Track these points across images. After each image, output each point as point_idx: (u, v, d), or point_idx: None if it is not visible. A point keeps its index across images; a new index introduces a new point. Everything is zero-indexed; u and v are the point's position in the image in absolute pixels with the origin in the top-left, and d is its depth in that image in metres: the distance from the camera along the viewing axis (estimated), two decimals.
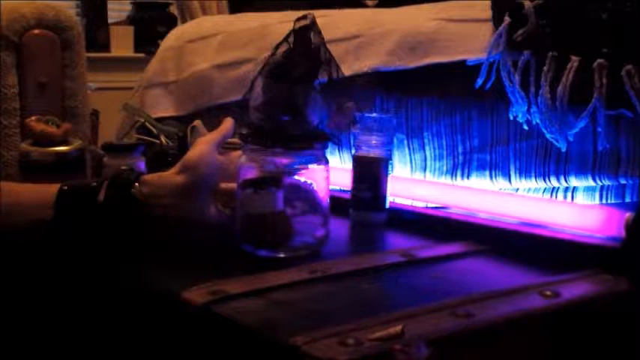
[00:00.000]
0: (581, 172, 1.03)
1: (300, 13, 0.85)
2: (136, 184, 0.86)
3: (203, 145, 0.88)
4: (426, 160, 1.17)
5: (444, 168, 1.15)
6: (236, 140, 0.92)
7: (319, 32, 0.84)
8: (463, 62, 1.09)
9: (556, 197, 1.07)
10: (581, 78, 0.96)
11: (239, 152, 0.88)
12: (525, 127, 1.04)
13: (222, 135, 0.91)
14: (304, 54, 0.83)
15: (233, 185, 0.87)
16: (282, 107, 0.82)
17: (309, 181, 0.86)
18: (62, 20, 1.50)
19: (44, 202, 0.86)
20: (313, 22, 0.83)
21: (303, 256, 0.84)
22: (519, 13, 1.01)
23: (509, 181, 1.09)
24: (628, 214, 0.84)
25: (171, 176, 0.87)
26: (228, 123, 0.92)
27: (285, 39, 0.83)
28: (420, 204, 1.11)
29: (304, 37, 0.83)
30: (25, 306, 0.88)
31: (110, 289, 0.81)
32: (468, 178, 1.13)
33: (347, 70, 1.15)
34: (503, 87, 1.03)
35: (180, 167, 0.87)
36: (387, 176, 1.03)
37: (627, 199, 1.02)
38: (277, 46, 0.83)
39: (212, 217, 0.88)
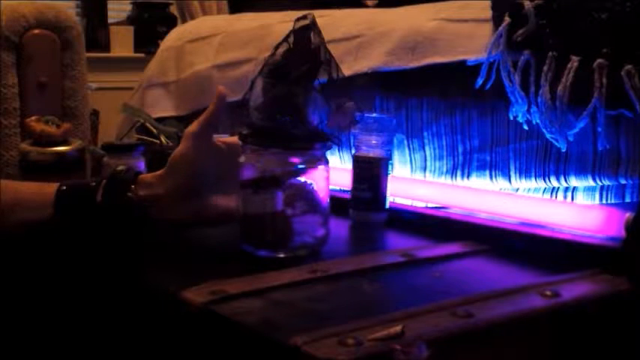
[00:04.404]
0: (581, 172, 1.03)
1: (300, 13, 0.85)
2: (132, 186, 0.86)
3: (184, 142, 0.87)
4: (426, 160, 1.17)
5: (444, 168, 1.15)
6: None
7: (319, 32, 0.83)
8: (463, 62, 1.09)
9: (556, 197, 1.07)
10: (581, 78, 0.96)
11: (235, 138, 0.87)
12: (525, 127, 1.04)
13: (208, 120, 0.87)
14: (304, 54, 0.83)
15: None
16: (282, 107, 0.82)
17: (309, 181, 0.86)
18: (62, 20, 1.50)
19: (43, 202, 0.86)
20: (313, 22, 0.83)
21: (303, 256, 0.84)
22: (519, 13, 1.01)
23: (509, 181, 1.09)
24: (628, 214, 0.84)
25: (161, 177, 0.87)
26: (212, 105, 0.87)
27: (285, 39, 0.83)
28: (420, 204, 1.11)
29: (304, 37, 0.83)
30: (24, 305, 0.88)
31: (110, 289, 0.81)
32: (468, 178, 1.13)
33: (347, 70, 1.15)
34: (503, 87, 1.03)
35: (166, 168, 0.87)
36: (387, 176, 1.03)
37: (627, 199, 1.02)
38: (277, 46, 0.83)
39: (212, 212, 0.87)
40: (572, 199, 1.05)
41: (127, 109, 1.48)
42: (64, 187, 0.87)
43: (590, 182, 1.03)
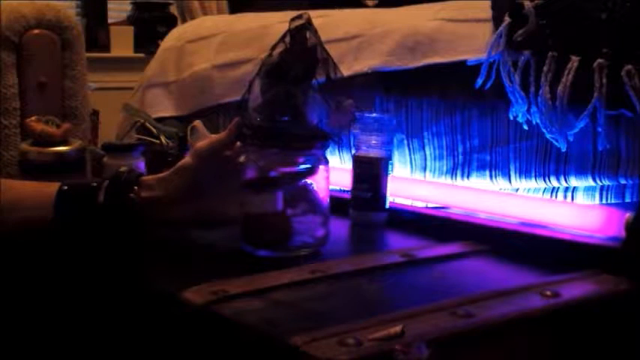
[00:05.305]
0: (581, 172, 1.03)
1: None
2: (135, 187, 0.86)
3: (192, 156, 0.87)
4: (426, 160, 1.17)
5: (444, 168, 1.15)
6: None
7: (315, 31, 0.83)
8: (463, 62, 1.09)
9: (556, 197, 1.07)
10: (581, 78, 0.96)
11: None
12: (525, 127, 1.04)
13: (218, 145, 0.88)
14: (301, 54, 0.83)
15: None
16: (281, 107, 0.82)
17: (309, 181, 0.86)
18: (62, 20, 1.50)
19: (44, 201, 0.86)
20: (308, 22, 0.83)
21: (303, 256, 0.84)
22: (519, 13, 1.01)
23: (509, 181, 1.09)
24: (628, 214, 0.84)
25: (163, 179, 0.87)
26: (226, 132, 0.88)
27: (282, 39, 0.83)
28: (420, 204, 1.11)
29: (300, 37, 0.83)
30: (24, 305, 0.88)
31: (110, 288, 0.81)
32: (468, 178, 1.13)
33: (347, 71, 1.15)
34: (503, 87, 1.03)
35: (169, 172, 0.87)
36: (387, 176, 1.03)
37: (627, 199, 1.02)
38: (274, 47, 0.83)
39: (212, 216, 0.88)
40: (572, 199, 1.05)
41: (127, 109, 1.48)
42: (65, 187, 0.87)
43: (590, 182, 1.03)
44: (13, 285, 0.88)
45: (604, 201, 1.04)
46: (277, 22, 1.37)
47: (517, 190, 1.10)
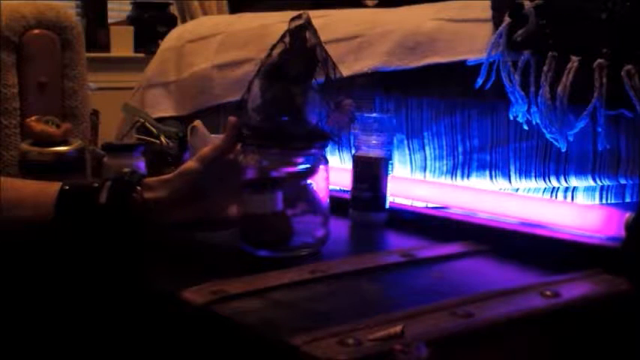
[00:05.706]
0: (581, 172, 1.03)
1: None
2: (138, 187, 0.86)
3: (196, 162, 0.87)
4: (426, 160, 1.17)
5: (444, 168, 1.15)
6: None
7: (315, 31, 0.83)
8: (463, 62, 1.09)
9: (556, 197, 1.07)
10: (581, 78, 0.96)
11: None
12: (525, 127, 1.04)
13: (222, 149, 0.87)
14: (300, 54, 0.83)
15: None
16: (281, 107, 0.82)
17: (309, 181, 0.86)
18: (62, 20, 1.50)
19: (45, 201, 0.86)
20: (308, 22, 0.83)
21: (303, 256, 0.84)
22: (519, 13, 1.01)
23: (509, 181, 1.09)
24: (628, 214, 0.84)
25: (166, 181, 0.87)
26: (226, 134, 0.87)
27: (281, 39, 0.83)
28: (420, 204, 1.11)
29: (300, 37, 0.83)
30: (24, 305, 0.88)
31: (110, 289, 0.81)
32: (468, 178, 1.13)
33: (347, 71, 1.15)
34: (503, 87, 1.03)
35: (173, 174, 0.87)
36: (387, 176, 1.03)
37: (627, 199, 1.02)
38: (273, 47, 0.83)
39: (213, 218, 0.88)
40: (572, 199, 1.06)
41: (127, 109, 1.48)
42: (67, 187, 0.87)
43: (590, 182, 1.03)
44: (14, 284, 0.88)
45: (604, 201, 1.04)
46: (277, 22, 1.37)
47: (517, 190, 1.10)
